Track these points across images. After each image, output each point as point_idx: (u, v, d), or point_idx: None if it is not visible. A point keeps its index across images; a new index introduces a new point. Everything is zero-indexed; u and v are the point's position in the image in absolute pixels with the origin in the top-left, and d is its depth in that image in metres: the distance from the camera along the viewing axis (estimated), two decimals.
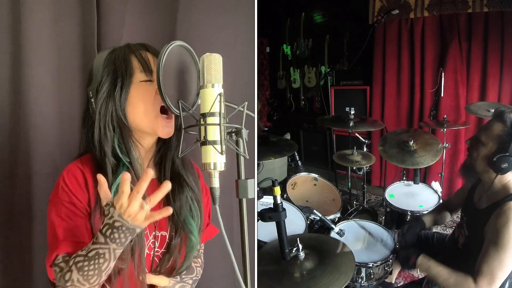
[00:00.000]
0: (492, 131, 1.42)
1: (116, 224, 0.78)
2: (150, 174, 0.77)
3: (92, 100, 0.92)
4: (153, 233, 0.98)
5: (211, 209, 1.17)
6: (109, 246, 0.79)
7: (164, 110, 0.94)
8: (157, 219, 0.81)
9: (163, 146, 1.03)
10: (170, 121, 0.96)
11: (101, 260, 0.79)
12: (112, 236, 0.78)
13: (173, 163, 1.03)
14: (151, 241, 0.98)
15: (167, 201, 1.00)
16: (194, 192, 1.05)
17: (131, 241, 0.85)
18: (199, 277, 1.14)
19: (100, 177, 0.80)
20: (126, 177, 0.76)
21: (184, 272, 1.07)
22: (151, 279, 0.97)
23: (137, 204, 0.76)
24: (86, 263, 0.79)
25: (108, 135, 0.91)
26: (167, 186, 0.79)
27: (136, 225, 0.79)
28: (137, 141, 0.95)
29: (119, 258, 0.84)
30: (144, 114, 0.93)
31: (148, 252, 0.97)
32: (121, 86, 0.90)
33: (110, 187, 0.87)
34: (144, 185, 0.76)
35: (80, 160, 0.95)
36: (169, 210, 0.79)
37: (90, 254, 0.79)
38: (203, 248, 1.19)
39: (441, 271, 1.43)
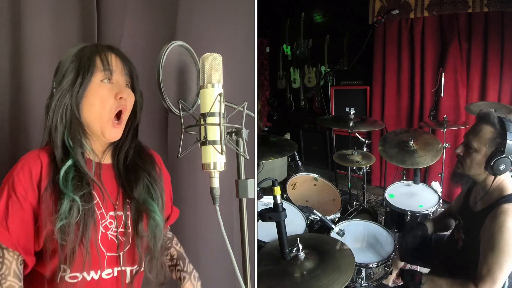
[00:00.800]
0: (482, 135, 1.41)
1: None
2: None
3: (54, 91, 0.95)
4: (110, 213, 1.00)
5: (172, 196, 1.21)
6: None
7: (118, 115, 0.99)
8: None
9: (118, 141, 1.06)
10: (119, 127, 1.00)
11: None
12: None
13: (127, 155, 1.07)
14: (108, 221, 1.00)
15: (127, 185, 1.04)
16: (152, 177, 1.08)
17: (77, 216, 0.89)
18: None
19: None
20: None
21: (182, 264, 1.19)
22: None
23: None
24: None
25: (59, 126, 0.94)
26: None
27: None
28: (88, 134, 0.99)
29: (64, 232, 0.87)
30: (97, 114, 0.96)
31: (104, 232, 0.99)
32: (80, 83, 0.94)
33: (59, 172, 0.91)
34: None
35: (42, 148, 0.98)
36: None
37: None
38: (169, 230, 1.27)
39: (443, 284, 1.45)
